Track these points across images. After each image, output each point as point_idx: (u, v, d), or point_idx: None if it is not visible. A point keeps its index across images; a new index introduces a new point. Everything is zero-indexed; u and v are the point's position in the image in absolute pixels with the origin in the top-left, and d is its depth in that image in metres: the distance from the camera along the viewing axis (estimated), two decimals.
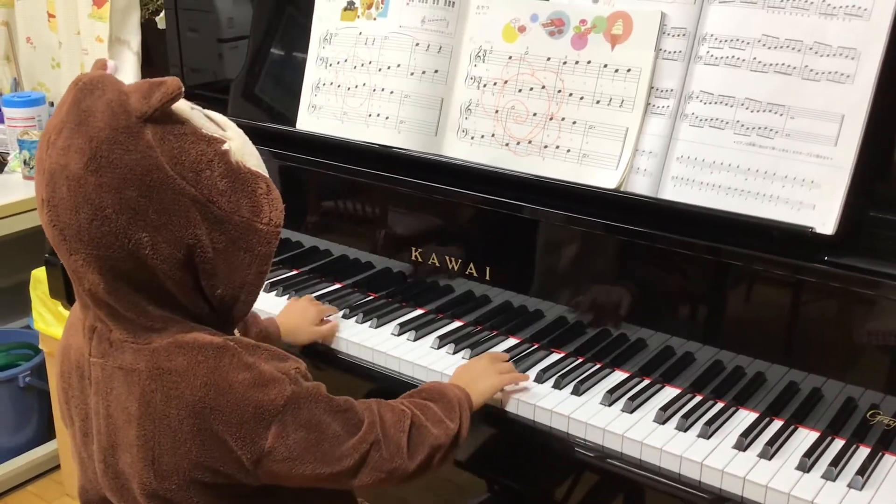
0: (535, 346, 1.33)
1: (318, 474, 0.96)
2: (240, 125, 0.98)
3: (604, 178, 1.28)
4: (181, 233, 0.89)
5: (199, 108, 0.96)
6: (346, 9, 1.54)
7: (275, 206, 0.95)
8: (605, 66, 1.29)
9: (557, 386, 1.22)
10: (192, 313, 0.95)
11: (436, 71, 1.45)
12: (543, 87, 1.34)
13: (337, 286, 1.55)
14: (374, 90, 1.50)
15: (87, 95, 0.88)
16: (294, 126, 1.60)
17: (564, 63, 1.32)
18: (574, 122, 1.31)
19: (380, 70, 1.50)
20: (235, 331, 1.04)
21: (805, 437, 1.12)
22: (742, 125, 1.19)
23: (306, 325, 1.37)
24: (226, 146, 0.92)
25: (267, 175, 0.97)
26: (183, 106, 0.91)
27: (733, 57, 1.20)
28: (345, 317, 1.43)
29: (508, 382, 1.20)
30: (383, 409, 1.03)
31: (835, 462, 1.05)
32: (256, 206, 0.93)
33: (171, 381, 0.92)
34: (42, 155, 0.89)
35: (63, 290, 1.69)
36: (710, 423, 1.13)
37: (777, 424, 1.14)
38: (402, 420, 1.03)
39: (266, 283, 1.55)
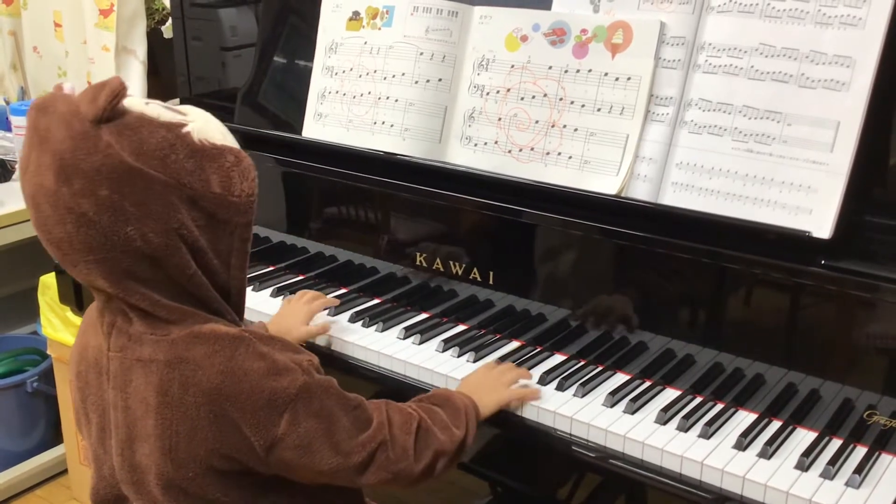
0: (538, 349, 1.35)
1: (327, 466, 0.98)
2: (246, 134, 1.01)
3: (605, 184, 1.31)
4: (164, 218, 0.92)
5: (158, 101, 0.98)
6: (351, 19, 1.57)
7: (245, 177, 0.97)
8: (606, 74, 1.31)
9: (560, 388, 1.24)
10: (204, 304, 0.99)
11: (440, 79, 1.48)
12: (545, 95, 1.36)
13: (343, 291, 1.57)
14: (379, 98, 1.53)
15: (41, 116, 0.92)
16: (300, 134, 1.63)
17: (566, 71, 1.35)
18: (575, 130, 1.34)
19: (385, 79, 1.52)
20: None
21: (803, 437, 1.14)
22: (740, 132, 1.21)
23: (297, 326, 1.39)
24: (186, 129, 0.94)
25: (235, 146, 0.99)
26: (136, 102, 0.94)
27: (731, 65, 1.22)
28: (351, 321, 1.45)
29: (517, 398, 1.21)
30: (392, 410, 1.06)
31: (832, 461, 1.07)
32: (226, 181, 0.96)
33: (188, 369, 0.95)
34: (22, 183, 0.94)
35: (73, 296, 1.71)
36: (710, 423, 1.15)
37: (776, 425, 1.16)
38: (410, 422, 1.05)
39: (273, 288, 1.58)
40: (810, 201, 1.15)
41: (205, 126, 0.97)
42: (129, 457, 1.00)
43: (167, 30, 2.32)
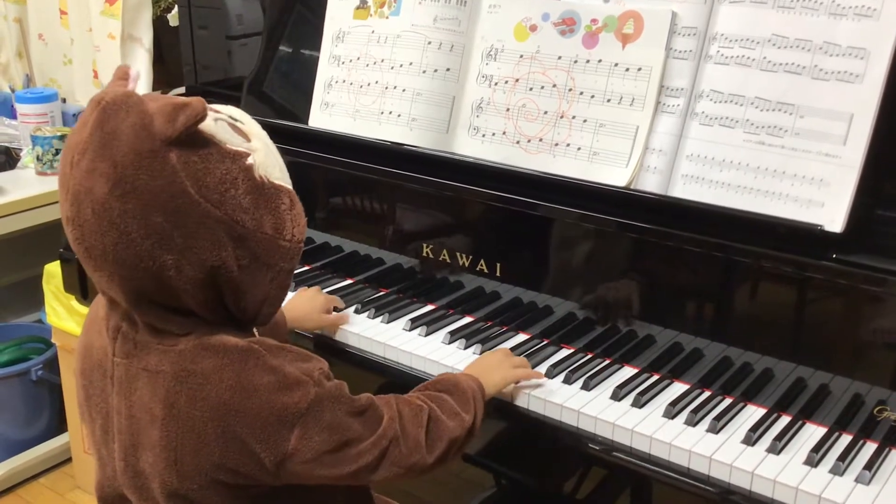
0: (545, 342, 1.34)
1: (340, 473, 0.97)
2: None
3: (614, 175, 1.29)
4: (206, 255, 0.89)
5: (225, 114, 0.94)
6: (358, 7, 1.55)
7: (297, 222, 0.96)
8: (616, 64, 1.30)
9: (567, 381, 1.24)
10: (214, 322, 0.96)
11: (447, 69, 1.46)
12: (554, 85, 1.35)
13: (349, 281, 1.56)
14: (387, 88, 1.52)
15: (111, 117, 0.86)
16: (306, 123, 1.62)
17: (575, 62, 1.33)
18: (585, 121, 1.33)
19: (392, 68, 1.51)
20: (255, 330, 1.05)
21: (813, 433, 1.13)
22: (752, 124, 1.20)
23: (314, 314, 1.38)
24: (250, 160, 0.92)
25: (290, 187, 0.97)
26: (207, 120, 0.90)
27: (743, 56, 1.21)
28: (357, 312, 1.44)
29: (522, 377, 1.21)
30: (401, 404, 1.04)
31: (842, 457, 1.06)
32: (279, 223, 0.94)
33: (196, 383, 0.93)
34: (66, 172, 0.89)
35: (77, 285, 1.70)
36: (718, 418, 1.14)
37: (785, 420, 1.15)
38: (420, 415, 1.04)
39: None
40: (822, 195, 1.14)
41: (266, 158, 0.94)
42: (133, 463, 0.98)
43: (173, 18, 2.31)
